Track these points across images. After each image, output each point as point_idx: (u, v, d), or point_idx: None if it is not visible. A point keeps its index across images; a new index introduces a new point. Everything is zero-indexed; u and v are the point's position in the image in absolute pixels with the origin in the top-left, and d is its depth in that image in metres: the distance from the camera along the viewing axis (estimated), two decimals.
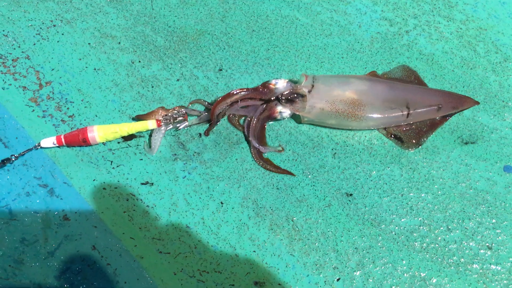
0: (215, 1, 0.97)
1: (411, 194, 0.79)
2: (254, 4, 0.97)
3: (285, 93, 0.81)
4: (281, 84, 0.81)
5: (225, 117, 0.84)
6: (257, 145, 0.80)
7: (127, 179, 0.79)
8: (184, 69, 0.89)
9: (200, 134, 0.83)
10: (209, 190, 0.79)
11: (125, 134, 0.80)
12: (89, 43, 0.91)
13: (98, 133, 0.79)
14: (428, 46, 0.92)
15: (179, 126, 0.82)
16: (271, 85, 0.81)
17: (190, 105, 0.85)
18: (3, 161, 0.77)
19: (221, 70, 0.89)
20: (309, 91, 0.80)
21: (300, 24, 0.95)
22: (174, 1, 0.97)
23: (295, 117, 0.84)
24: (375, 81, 0.82)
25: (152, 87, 0.87)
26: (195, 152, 0.82)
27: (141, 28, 0.94)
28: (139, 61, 0.89)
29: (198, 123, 0.83)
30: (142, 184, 0.79)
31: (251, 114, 0.83)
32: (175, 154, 0.81)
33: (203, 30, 0.94)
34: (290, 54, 0.91)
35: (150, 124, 0.80)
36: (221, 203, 0.78)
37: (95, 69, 0.89)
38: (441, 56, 0.90)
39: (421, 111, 0.80)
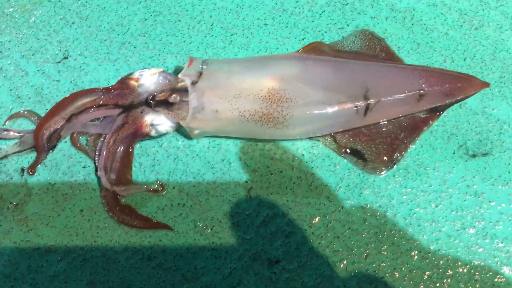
0: None
1: (384, 252, 0.49)
2: None
3: (157, 92, 0.49)
4: (148, 78, 0.54)
5: (67, 138, 0.53)
6: (109, 185, 0.49)
7: None
8: (5, 61, 0.57)
9: (22, 171, 0.52)
10: (30, 272, 0.47)
11: None
12: None
13: None
14: None
15: None
16: (132, 81, 0.54)
17: (7, 122, 0.54)
18: None
19: (66, 58, 0.60)
20: (194, 83, 0.49)
21: None
22: None
23: (183, 130, 0.51)
24: (312, 60, 0.55)
25: None
26: (11, 203, 0.50)
27: None
28: None
29: (20, 152, 0.54)
30: None
31: (107, 131, 0.50)
32: None
33: None
34: (180, 26, 0.61)
35: None
36: None
37: None
38: (427, 12, 0.63)
39: (389, 102, 0.53)
